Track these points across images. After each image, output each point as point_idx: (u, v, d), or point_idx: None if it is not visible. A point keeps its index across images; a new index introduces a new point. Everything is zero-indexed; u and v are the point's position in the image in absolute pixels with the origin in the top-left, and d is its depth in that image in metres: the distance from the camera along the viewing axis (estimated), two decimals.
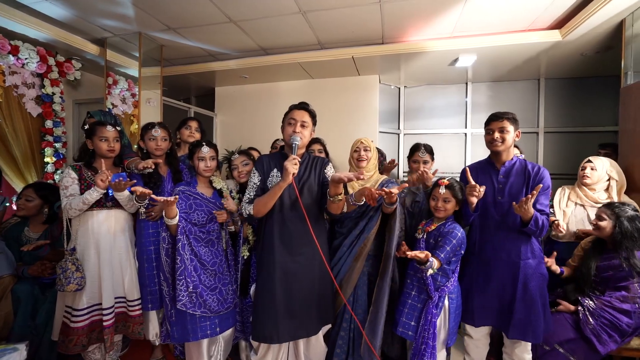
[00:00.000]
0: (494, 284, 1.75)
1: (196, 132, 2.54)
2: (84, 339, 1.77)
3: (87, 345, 1.79)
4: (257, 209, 1.64)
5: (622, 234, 1.73)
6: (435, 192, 1.76)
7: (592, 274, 1.82)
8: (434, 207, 1.76)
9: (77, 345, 1.75)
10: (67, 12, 2.63)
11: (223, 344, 1.95)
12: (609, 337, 1.72)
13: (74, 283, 1.69)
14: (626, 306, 1.74)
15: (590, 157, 2.14)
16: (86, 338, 1.79)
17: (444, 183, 1.73)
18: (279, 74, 3.83)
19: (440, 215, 1.75)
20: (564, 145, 3.75)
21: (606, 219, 1.79)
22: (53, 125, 3.05)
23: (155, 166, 1.99)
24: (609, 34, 2.60)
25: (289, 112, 1.73)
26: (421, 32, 2.91)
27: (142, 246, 1.97)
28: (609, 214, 1.79)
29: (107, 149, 1.85)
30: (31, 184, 2.19)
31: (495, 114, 1.80)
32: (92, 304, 1.83)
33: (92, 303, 1.83)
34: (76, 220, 1.85)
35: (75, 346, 1.75)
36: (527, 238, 1.73)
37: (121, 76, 3.40)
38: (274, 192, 1.59)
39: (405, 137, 4.27)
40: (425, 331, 1.64)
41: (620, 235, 1.74)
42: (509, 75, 3.73)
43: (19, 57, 2.77)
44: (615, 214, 1.76)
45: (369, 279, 1.91)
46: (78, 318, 1.77)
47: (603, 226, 1.79)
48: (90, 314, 1.82)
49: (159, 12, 2.63)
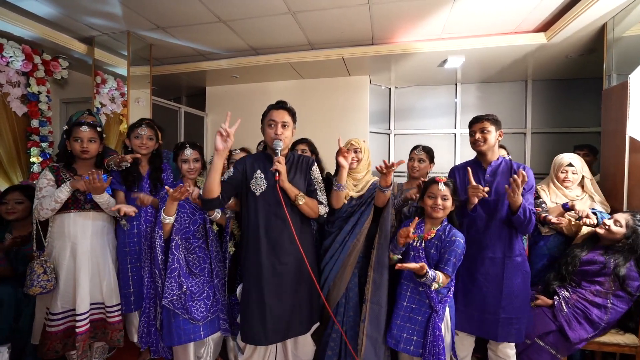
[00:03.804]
0: (478, 283, 1.77)
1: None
2: (57, 344, 1.73)
3: (60, 352, 1.74)
4: (204, 190, 1.58)
5: (631, 246, 1.78)
6: (433, 190, 1.65)
7: (576, 262, 1.87)
8: (432, 206, 1.63)
9: (50, 351, 1.71)
10: (53, 10, 2.59)
11: (212, 346, 1.95)
12: (579, 324, 1.79)
13: (38, 286, 1.65)
14: (598, 300, 1.81)
15: (570, 160, 2.11)
16: (60, 344, 1.74)
17: (442, 180, 1.64)
18: (270, 74, 3.83)
19: (438, 214, 1.63)
20: (550, 146, 3.81)
21: (622, 226, 1.81)
22: (39, 124, 3.00)
23: (135, 163, 1.96)
24: (592, 37, 2.67)
25: (268, 112, 1.70)
26: (410, 33, 2.94)
27: (123, 246, 1.95)
28: (630, 224, 1.80)
29: (79, 149, 1.80)
30: (13, 187, 2.13)
31: (476, 117, 1.86)
32: (67, 309, 1.79)
33: (67, 308, 1.79)
34: (52, 221, 1.81)
35: (48, 351, 1.70)
36: (513, 236, 1.76)
37: (110, 75, 3.36)
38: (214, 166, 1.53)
39: (396, 137, 4.30)
40: (436, 347, 1.53)
41: (628, 246, 1.78)
42: (497, 76, 3.79)
43: (3, 56, 2.72)
44: (633, 227, 1.79)
45: (359, 280, 1.91)
46: (53, 322, 1.74)
47: (615, 231, 1.81)
48: (65, 320, 1.78)
49: (147, 11, 2.61)
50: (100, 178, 1.69)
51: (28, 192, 2.09)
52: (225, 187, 1.63)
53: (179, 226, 1.80)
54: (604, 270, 1.81)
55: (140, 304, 1.99)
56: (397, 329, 1.68)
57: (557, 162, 2.16)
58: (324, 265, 1.94)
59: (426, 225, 1.71)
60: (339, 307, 1.90)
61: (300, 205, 1.63)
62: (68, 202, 1.78)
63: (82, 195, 1.82)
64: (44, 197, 1.73)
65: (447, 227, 1.65)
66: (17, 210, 1.99)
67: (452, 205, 1.65)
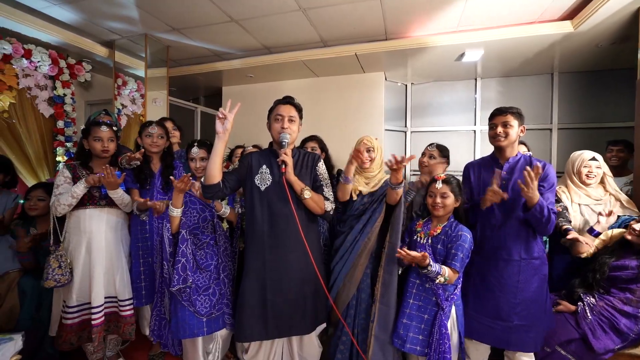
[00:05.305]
0: (490, 286, 1.68)
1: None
2: (73, 337, 1.79)
3: (75, 344, 1.80)
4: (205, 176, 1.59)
5: None
6: (432, 188, 1.68)
7: (605, 270, 1.73)
8: (432, 204, 1.67)
9: (66, 342, 1.77)
10: (75, 16, 2.72)
11: (221, 342, 1.96)
12: (604, 333, 1.65)
13: (52, 279, 1.71)
14: (628, 308, 1.66)
15: (593, 154, 1.97)
16: (75, 336, 1.80)
17: (441, 178, 1.66)
18: (284, 73, 3.84)
19: (439, 213, 1.65)
20: (578, 142, 3.57)
21: None
22: (64, 125, 3.16)
23: (146, 161, 2.01)
24: (625, 23, 2.47)
25: (274, 107, 1.70)
26: (425, 27, 2.85)
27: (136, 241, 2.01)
28: None
29: (101, 149, 1.86)
30: (37, 185, 2.25)
31: (499, 109, 1.75)
32: (82, 303, 1.85)
33: (82, 302, 1.85)
34: (68, 217, 1.88)
35: (64, 342, 1.77)
36: (530, 237, 1.65)
37: (131, 77, 3.49)
38: (214, 150, 1.56)
39: (413, 135, 4.19)
40: (442, 345, 1.51)
41: None
42: (519, 70, 3.60)
43: (32, 60, 2.88)
44: None
45: (372, 282, 1.86)
46: (68, 315, 1.80)
47: None
48: (80, 312, 1.84)
49: (161, 13, 2.68)
50: (113, 174, 1.75)
51: (50, 189, 2.19)
52: (228, 177, 1.64)
53: (187, 221, 1.83)
54: (637, 276, 1.66)
55: (151, 298, 2.04)
56: (403, 328, 1.64)
57: (577, 158, 1.99)
58: (334, 265, 1.90)
59: (433, 222, 1.70)
60: (349, 309, 1.85)
61: (306, 199, 1.60)
62: (84, 199, 1.85)
63: (97, 192, 1.89)
64: (61, 194, 1.80)
65: (454, 223, 1.65)
66: (39, 207, 2.09)
67: (454, 202, 1.64)
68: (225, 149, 1.62)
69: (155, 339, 2.00)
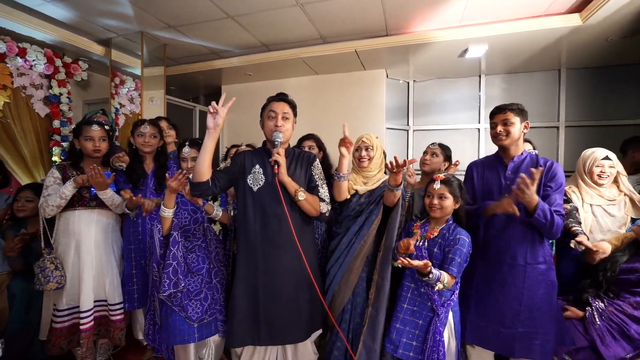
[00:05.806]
0: (494, 291, 1.59)
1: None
2: (62, 341, 1.75)
3: (65, 348, 1.76)
4: (193, 173, 1.51)
5: None
6: (430, 188, 1.61)
7: (616, 268, 1.66)
8: (429, 205, 1.60)
9: (55, 347, 1.73)
10: (69, 13, 2.67)
11: (214, 348, 1.90)
12: (614, 340, 1.56)
13: (54, 282, 1.67)
14: (638, 313, 1.57)
15: (606, 153, 1.86)
16: (65, 341, 1.77)
17: (439, 178, 1.59)
18: (283, 71, 3.77)
19: (436, 214, 1.58)
20: (587, 140, 3.45)
21: None
22: (60, 125, 3.11)
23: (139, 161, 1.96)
24: (637, 15, 2.35)
25: (267, 104, 1.64)
26: (426, 21, 2.76)
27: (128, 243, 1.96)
28: None
29: (92, 148, 1.82)
30: (25, 186, 2.21)
31: (498, 106, 1.68)
32: (72, 306, 1.81)
33: (72, 305, 1.81)
34: (58, 218, 1.83)
35: (53, 347, 1.73)
36: (536, 240, 1.57)
37: (128, 76, 3.44)
38: (204, 146, 1.47)
39: (415, 133, 4.10)
40: (435, 353, 1.45)
41: None
42: (525, 65, 3.49)
43: (27, 59, 2.84)
44: None
45: (367, 285, 1.80)
46: (58, 319, 1.76)
47: None
48: (70, 316, 1.80)
49: (156, 10, 2.62)
50: (102, 174, 1.70)
51: (39, 191, 2.15)
52: (219, 175, 1.57)
53: (178, 222, 1.77)
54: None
55: (143, 301, 1.99)
56: (396, 333, 1.58)
57: (588, 157, 1.87)
58: (329, 267, 1.84)
59: (430, 224, 1.63)
60: (344, 314, 1.80)
61: (300, 201, 1.54)
62: (74, 200, 1.81)
63: (87, 193, 1.84)
64: (50, 195, 1.76)
65: (452, 226, 1.57)
66: (27, 208, 2.05)
67: (454, 204, 1.56)
68: (222, 148, 1.56)
69: (150, 343, 1.95)
